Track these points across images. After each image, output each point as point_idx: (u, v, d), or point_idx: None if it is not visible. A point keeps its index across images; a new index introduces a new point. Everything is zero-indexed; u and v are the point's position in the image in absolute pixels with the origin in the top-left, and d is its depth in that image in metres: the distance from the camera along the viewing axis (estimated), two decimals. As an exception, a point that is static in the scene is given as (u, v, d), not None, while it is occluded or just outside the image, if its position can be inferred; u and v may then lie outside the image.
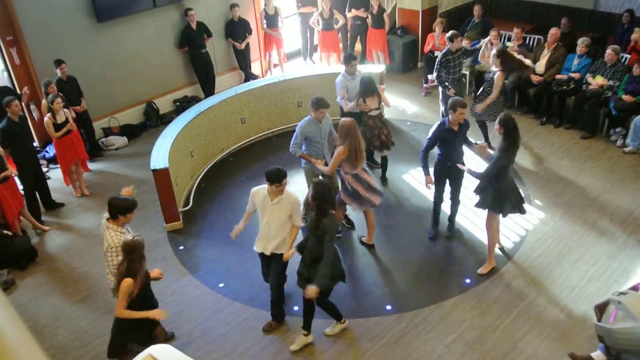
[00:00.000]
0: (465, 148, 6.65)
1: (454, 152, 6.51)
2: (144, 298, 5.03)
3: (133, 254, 4.76)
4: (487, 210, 6.25)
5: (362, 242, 7.08)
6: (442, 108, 8.94)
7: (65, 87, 8.67)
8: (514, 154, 6.00)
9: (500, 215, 6.24)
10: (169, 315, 5.21)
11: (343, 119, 6.51)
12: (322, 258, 5.25)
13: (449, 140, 6.44)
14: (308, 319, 5.69)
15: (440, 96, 8.89)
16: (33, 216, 7.69)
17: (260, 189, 5.68)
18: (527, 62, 8.28)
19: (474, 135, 7.25)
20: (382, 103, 7.88)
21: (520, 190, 6.35)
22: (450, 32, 8.58)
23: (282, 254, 5.61)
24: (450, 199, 6.93)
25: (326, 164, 6.71)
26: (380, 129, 7.68)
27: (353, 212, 7.14)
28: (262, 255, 5.84)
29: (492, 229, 6.37)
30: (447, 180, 6.76)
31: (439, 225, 7.13)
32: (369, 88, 7.52)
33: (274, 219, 5.58)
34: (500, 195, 6.05)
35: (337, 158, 6.38)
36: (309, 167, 6.99)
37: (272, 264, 5.77)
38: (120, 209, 5.17)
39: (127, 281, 4.76)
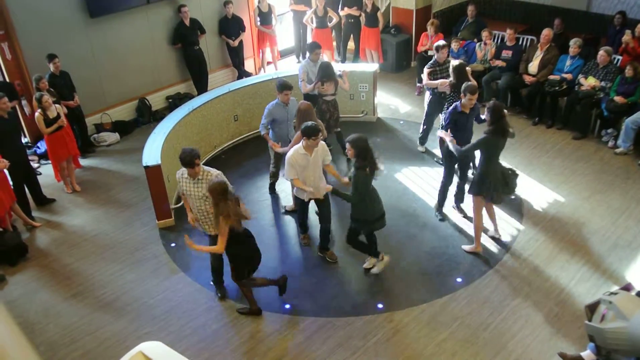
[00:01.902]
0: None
1: (465, 134, 6.89)
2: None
3: (226, 193, 5.31)
4: (472, 195, 6.60)
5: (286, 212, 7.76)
6: (426, 110, 8.74)
7: (58, 82, 8.63)
8: (503, 141, 6.27)
9: (490, 200, 6.55)
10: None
11: (300, 102, 6.90)
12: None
13: (461, 123, 6.82)
14: (369, 249, 6.50)
15: (426, 100, 8.67)
16: (23, 212, 7.65)
17: (296, 153, 6.15)
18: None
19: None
20: (341, 88, 8.22)
21: (510, 180, 6.56)
22: (438, 42, 8.44)
23: (327, 194, 6.48)
24: (458, 179, 7.36)
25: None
26: (332, 113, 8.06)
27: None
28: (307, 203, 6.68)
29: (477, 213, 6.63)
30: (457, 165, 7.23)
31: (443, 207, 7.48)
32: (327, 73, 7.89)
33: (317, 168, 6.30)
34: (484, 181, 6.35)
35: (296, 141, 6.70)
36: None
37: (324, 208, 6.63)
38: (194, 155, 5.65)
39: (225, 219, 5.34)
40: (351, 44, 12.14)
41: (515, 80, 9.70)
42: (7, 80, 8.86)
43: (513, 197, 6.92)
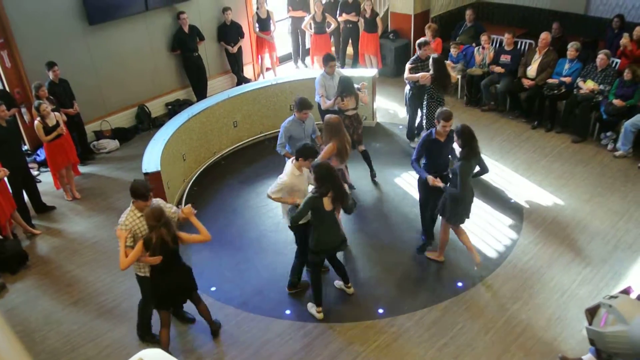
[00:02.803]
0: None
1: (439, 163, 6.45)
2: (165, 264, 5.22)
3: (160, 219, 5.06)
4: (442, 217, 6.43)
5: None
6: (407, 105, 9.07)
7: (57, 89, 8.64)
8: (475, 163, 6.05)
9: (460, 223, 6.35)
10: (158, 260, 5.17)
11: (328, 115, 6.67)
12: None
13: (434, 152, 6.38)
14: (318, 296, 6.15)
15: (406, 94, 8.98)
16: (23, 219, 7.65)
17: (292, 177, 5.90)
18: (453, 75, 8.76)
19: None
20: (361, 102, 7.99)
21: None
22: (421, 39, 8.76)
23: None
24: (433, 210, 6.71)
25: None
26: (355, 128, 7.86)
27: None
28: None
29: (443, 230, 6.55)
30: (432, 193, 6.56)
31: (433, 237, 7.02)
32: (347, 88, 7.68)
33: (306, 186, 6.07)
34: (459, 206, 6.16)
35: (326, 154, 6.55)
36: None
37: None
38: (149, 188, 5.34)
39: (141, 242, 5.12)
40: (350, 50, 12.17)
41: (514, 84, 9.72)
42: (7, 88, 8.88)
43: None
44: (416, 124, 9.08)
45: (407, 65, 8.68)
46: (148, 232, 5.11)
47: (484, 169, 6.24)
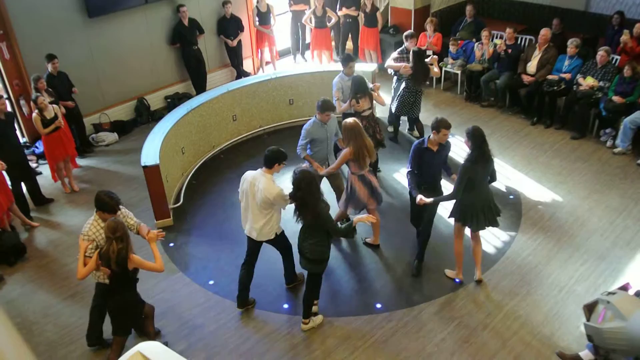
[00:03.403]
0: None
1: (430, 173, 6.14)
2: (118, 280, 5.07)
3: (114, 234, 4.86)
4: (453, 219, 6.17)
5: (366, 244, 7.06)
6: (392, 94, 9.20)
7: (55, 82, 8.62)
8: (484, 167, 5.74)
9: (469, 228, 6.08)
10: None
11: (346, 119, 6.39)
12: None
13: (425, 161, 6.05)
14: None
15: (393, 85, 9.16)
16: (21, 212, 7.64)
17: (274, 184, 5.66)
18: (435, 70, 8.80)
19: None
20: (375, 102, 7.86)
21: (497, 206, 6.09)
22: (407, 31, 8.93)
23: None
24: (421, 227, 6.53)
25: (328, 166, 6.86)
26: (374, 128, 7.66)
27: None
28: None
29: (456, 239, 6.26)
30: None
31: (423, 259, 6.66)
32: (361, 88, 7.46)
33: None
34: (467, 208, 5.90)
35: (343, 159, 6.35)
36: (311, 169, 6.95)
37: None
38: (118, 201, 5.25)
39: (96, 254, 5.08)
40: (349, 44, 12.15)
41: (514, 80, 9.71)
42: (6, 80, 8.86)
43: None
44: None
45: (393, 55, 8.86)
46: (104, 242, 4.99)
47: (493, 178, 5.96)
